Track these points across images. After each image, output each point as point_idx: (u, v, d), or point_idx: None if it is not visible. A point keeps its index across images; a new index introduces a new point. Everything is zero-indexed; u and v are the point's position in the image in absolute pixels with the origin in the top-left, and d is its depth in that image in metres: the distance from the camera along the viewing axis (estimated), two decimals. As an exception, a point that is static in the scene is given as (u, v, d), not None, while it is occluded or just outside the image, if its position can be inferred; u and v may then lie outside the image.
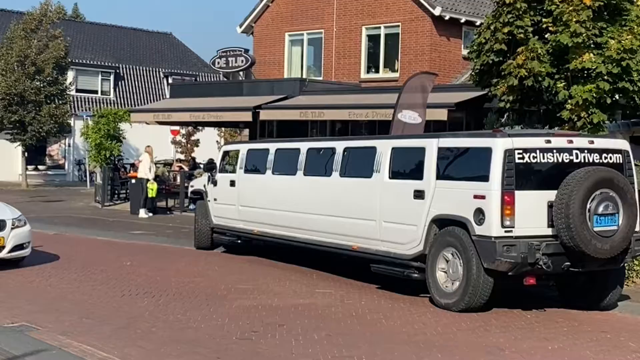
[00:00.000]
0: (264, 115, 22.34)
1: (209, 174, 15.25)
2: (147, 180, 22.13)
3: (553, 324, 9.54)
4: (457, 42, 24.76)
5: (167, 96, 36.89)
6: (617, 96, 12.41)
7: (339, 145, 12.26)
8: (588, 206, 9.53)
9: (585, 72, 12.18)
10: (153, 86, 45.73)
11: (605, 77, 11.93)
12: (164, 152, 35.44)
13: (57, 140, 39.91)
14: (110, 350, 7.76)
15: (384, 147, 11.31)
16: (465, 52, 21.80)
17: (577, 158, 9.92)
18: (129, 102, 42.81)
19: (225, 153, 15.40)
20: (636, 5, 12.59)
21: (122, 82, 44.62)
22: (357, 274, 12.27)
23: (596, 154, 10.07)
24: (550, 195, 9.68)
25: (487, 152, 9.72)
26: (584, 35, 11.87)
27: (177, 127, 35.11)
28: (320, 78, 26.30)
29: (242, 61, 26.10)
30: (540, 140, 9.86)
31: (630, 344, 8.68)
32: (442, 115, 17.89)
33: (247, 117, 22.72)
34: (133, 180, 23.22)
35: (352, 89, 23.96)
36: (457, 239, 9.98)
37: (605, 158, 10.12)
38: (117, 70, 44.20)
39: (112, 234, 18.11)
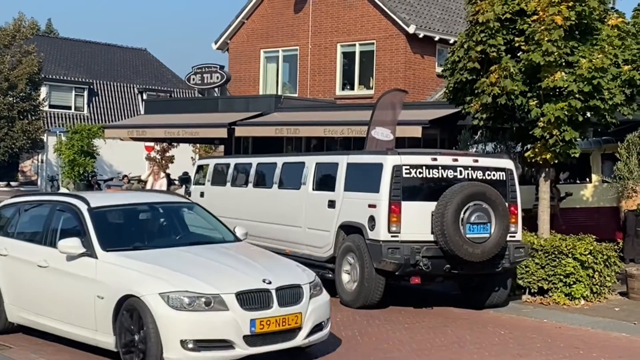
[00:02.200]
0: (240, 131, 22.35)
1: (184, 185, 16.15)
2: None
3: (527, 340, 9.60)
4: (431, 60, 25.00)
5: (142, 112, 36.78)
6: (588, 114, 12.55)
7: (279, 161, 13.73)
8: (461, 216, 10.64)
9: (557, 90, 12.31)
10: (127, 102, 45.55)
11: (577, 95, 12.05)
12: (139, 169, 35.25)
13: (30, 156, 39.64)
14: (83, 369, 7.70)
15: (310, 163, 12.71)
16: (439, 69, 22.01)
17: (461, 174, 11.06)
18: (103, 118, 42.57)
19: (200, 167, 16.75)
20: (607, 25, 12.77)
21: (96, 98, 44.40)
22: (332, 291, 12.27)
23: (479, 172, 11.19)
24: (434, 206, 10.78)
25: (379, 167, 10.96)
26: (555, 54, 12.00)
27: (151, 144, 34.98)
28: (296, 95, 26.38)
29: (218, 77, 26.10)
30: (427, 158, 11.07)
31: (603, 360, 8.78)
32: (416, 132, 18.02)
33: (222, 133, 22.71)
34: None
35: (328, 105, 24.04)
36: (356, 243, 11.23)
37: (489, 175, 11.25)
38: (91, 86, 44.00)
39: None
